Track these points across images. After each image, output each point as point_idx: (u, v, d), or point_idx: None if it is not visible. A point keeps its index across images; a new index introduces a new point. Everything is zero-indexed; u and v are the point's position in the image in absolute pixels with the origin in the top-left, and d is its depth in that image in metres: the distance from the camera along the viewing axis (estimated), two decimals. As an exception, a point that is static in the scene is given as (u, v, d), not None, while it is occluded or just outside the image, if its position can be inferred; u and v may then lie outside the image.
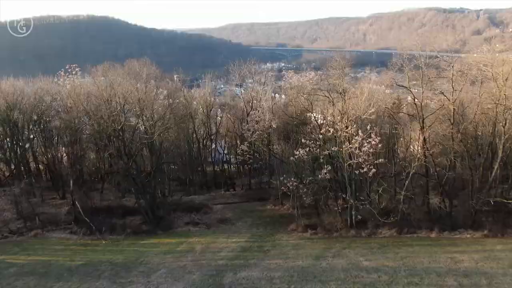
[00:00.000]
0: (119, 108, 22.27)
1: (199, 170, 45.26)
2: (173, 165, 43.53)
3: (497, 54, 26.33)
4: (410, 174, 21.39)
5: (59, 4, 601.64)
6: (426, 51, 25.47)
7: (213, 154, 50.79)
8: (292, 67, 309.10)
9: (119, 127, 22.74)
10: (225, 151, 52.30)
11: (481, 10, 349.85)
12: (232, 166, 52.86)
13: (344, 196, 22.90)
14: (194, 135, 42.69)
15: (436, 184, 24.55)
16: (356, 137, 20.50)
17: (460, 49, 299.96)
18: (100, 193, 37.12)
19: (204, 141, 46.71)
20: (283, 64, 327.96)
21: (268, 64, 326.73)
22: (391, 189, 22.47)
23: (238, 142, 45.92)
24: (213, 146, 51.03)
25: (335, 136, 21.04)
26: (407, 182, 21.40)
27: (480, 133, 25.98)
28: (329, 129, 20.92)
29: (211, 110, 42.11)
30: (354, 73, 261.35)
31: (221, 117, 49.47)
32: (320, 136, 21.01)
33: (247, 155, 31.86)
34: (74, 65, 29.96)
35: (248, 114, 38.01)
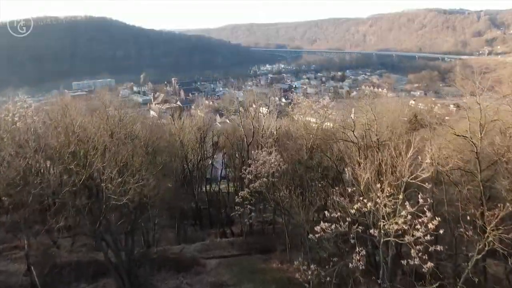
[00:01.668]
0: (75, 163, 16.45)
1: (192, 197, 39.50)
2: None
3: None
4: (474, 260, 15.62)
5: (56, 4, 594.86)
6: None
7: (209, 170, 45.42)
8: (292, 69, 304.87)
9: (74, 189, 16.98)
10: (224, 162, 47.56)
11: (481, 11, 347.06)
12: (230, 186, 48.16)
13: (379, 282, 17.15)
14: (185, 164, 36.62)
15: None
16: (403, 213, 14.57)
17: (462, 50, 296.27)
18: (71, 242, 31.03)
19: (199, 164, 40.79)
20: (282, 66, 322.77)
21: (267, 66, 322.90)
22: (444, 278, 16.57)
23: (237, 154, 40.69)
24: (210, 162, 46.17)
25: (371, 207, 15.14)
26: (468, 270, 15.56)
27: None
28: (364, 200, 14.97)
29: (205, 137, 36.07)
30: (355, 75, 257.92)
31: (218, 137, 43.61)
32: (352, 211, 15.18)
33: (248, 205, 25.86)
34: (26, 97, 23.85)
35: (249, 145, 32.07)
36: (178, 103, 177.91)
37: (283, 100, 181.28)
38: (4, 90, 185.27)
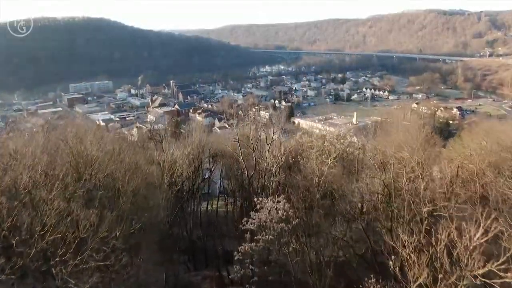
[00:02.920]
0: (16, 239, 12.03)
1: (186, 228, 34.97)
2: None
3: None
4: None
5: (55, 4, 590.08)
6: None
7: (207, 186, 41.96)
8: (291, 70, 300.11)
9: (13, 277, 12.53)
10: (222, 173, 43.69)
11: (481, 12, 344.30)
12: (229, 205, 44.00)
13: None
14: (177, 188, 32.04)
15: None
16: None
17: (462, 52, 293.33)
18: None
19: (193, 187, 36.19)
20: (282, 67, 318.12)
21: (267, 67, 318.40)
22: None
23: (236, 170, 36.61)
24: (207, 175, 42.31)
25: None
26: None
27: None
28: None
29: (200, 164, 31.50)
30: (355, 77, 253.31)
31: (214, 158, 39.17)
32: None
33: (250, 267, 21.28)
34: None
35: (250, 178, 27.58)
36: (176, 106, 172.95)
37: (283, 103, 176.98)
38: (1, 92, 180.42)
